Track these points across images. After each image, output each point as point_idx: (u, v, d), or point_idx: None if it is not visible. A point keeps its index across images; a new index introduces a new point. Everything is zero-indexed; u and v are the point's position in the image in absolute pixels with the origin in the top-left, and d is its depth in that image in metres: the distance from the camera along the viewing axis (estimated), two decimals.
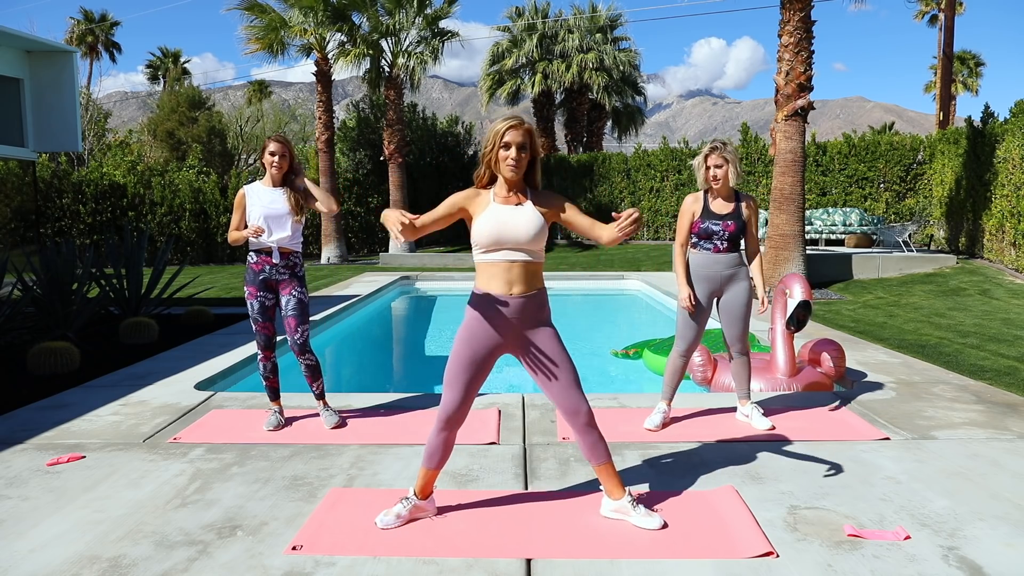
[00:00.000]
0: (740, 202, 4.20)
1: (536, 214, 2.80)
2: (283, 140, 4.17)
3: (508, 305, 2.80)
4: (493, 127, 2.78)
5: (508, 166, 2.75)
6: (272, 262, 4.15)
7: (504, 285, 2.79)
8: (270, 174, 4.17)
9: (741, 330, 4.28)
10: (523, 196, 2.84)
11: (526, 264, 2.81)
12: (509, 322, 2.82)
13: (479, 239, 2.78)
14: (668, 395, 4.32)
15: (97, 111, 26.15)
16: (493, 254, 2.79)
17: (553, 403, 2.89)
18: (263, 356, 4.30)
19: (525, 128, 2.77)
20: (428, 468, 2.94)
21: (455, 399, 2.85)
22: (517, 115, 2.82)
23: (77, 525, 2.94)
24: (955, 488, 3.27)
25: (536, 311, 2.86)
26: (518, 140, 2.75)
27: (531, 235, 2.77)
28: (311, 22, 17.45)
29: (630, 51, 25.30)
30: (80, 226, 17.75)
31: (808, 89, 10.50)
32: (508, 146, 2.75)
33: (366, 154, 21.32)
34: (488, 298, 2.82)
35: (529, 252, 2.80)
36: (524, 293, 2.81)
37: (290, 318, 4.19)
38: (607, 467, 2.92)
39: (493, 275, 2.81)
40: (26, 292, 6.99)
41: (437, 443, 2.91)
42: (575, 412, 2.86)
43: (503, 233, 2.75)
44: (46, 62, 10.29)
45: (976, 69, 40.26)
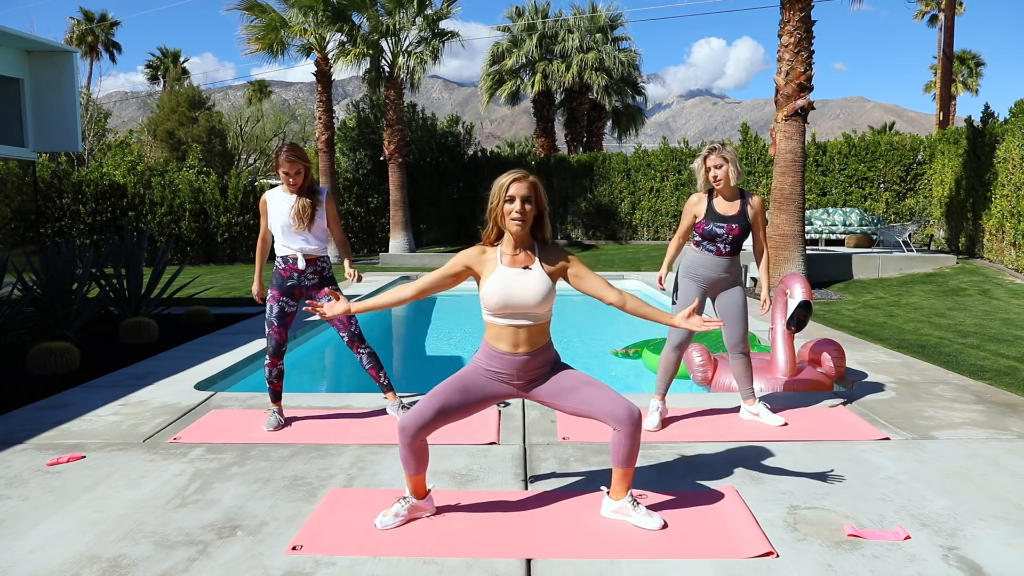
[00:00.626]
0: (745, 203, 4.17)
1: (543, 278, 2.78)
2: (296, 157, 4.05)
3: (514, 362, 2.84)
4: (497, 182, 2.76)
5: (513, 220, 2.73)
6: (298, 269, 4.16)
7: (510, 345, 2.83)
8: (287, 188, 4.15)
9: (741, 331, 4.27)
10: (531, 254, 2.82)
11: (532, 327, 2.83)
12: (515, 376, 2.87)
13: (487, 303, 2.80)
14: (661, 391, 4.32)
15: (97, 111, 26.15)
16: (500, 318, 2.81)
17: (601, 419, 2.81)
18: (270, 362, 4.26)
19: (530, 181, 2.75)
20: (411, 474, 2.91)
21: (431, 415, 2.79)
22: (521, 169, 2.82)
23: (77, 525, 2.94)
24: (955, 488, 3.27)
25: (542, 364, 2.89)
26: (522, 193, 2.73)
27: (538, 300, 2.77)
28: (311, 22, 17.45)
29: (630, 51, 25.30)
30: (80, 226, 17.75)
31: (808, 89, 10.50)
32: (512, 199, 2.73)
33: (366, 154, 21.32)
34: (494, 354, 2.86)
35: (536, 316, 2.81)
36: (530, 352, 2.85)
37: (341, 317, 4.16)
38: (629, 472, 2.90)
39: (500, 335, 2.83)
40: (26, 292, 6.99)
41: (408, 453, 2.84)
42: (629, 415, 2.78)
43: (510, 299, 2.76)
44: (46, 62, 10.28)
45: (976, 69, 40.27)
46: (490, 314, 2.83)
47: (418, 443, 2.83)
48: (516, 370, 2.86)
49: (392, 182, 18.64)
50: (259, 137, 29.48)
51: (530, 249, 2.83)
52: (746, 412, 4.35)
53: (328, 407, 4.65)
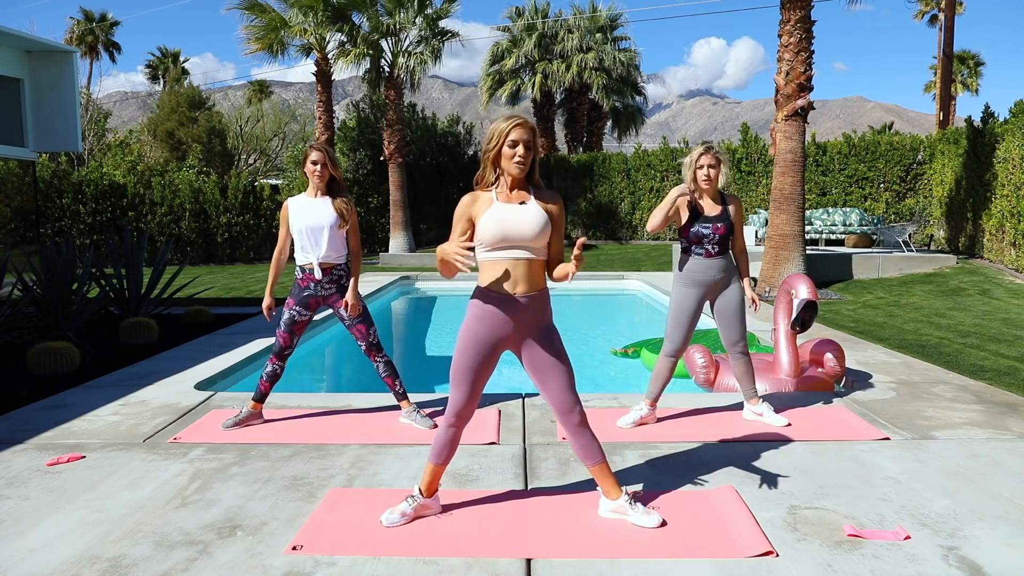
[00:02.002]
0: (727, 204, 4.20)
1: (540, 211, 2.81)
2: (323, 148, 4.11)
3: (511, 304, 2.81)
4: (495, 126, 2.79)
5: (516, 163, 2.76)
6: (315, 279, 4.15)
7: (508, 284, 2.81)
8: (313, 183, 4.14)
9: (739, 332, 4.27)
10: (526, 194, 2.85)
11: (530, 262, 2.82)
12: (511, 321, 2.83)
13: (484, 237, 2.78)
14: (652, 395, 4.30)
15: (97, 111, 26.14)
16: (498, 252, 2.80)
17: (548, 402, 2.92)
18: (271, 359, 4.31)
19: (529, 126, 2.79)
20: (435, 464, 2.96)
21: (463, 396, 2.88)
22: (518, 114, 2.84)
23: (77, 525, 2.94)
24: (955, 488, 3.27)
25: (538, 312, 2.87)
26: (524, 137, 2.76)
27: (536, 232, 2.78)
28: (311, 22, 17.45)
29: (630, 51, 25.29)
30: (80, 226, 17.74)
31: (808, 89, 10.50)
32: (515, 144, 2.76)
33: (366, 154, 21.32)
34: (491, 296, 2.82)
35: (533, 250, 2.81)
36: (527, 293, 2.82)
37: (358, 326, 4.22)
38: (601, 467, 2.93)
39: (496, 273, 2.81)
40: (26, 292, 6.99)
41: (446, 439, 2.94)
42: (569, 412, 2.88)
43: (508, 231, 2.76)
44: (46, 62, 10.28)
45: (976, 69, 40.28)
46: (487, 248, 2.80)
47: (460, 431, 2.94)
48: (513, 314, 2.82)
49: (392, 182, 18.64)
50: (259, 137, 29.49)
51: (524, 190, 2.86)
52: (749, 412, 4.35)
53: (328, 407, 4.65)
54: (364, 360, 4.40)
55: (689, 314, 4.20)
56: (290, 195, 19.68)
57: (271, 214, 19.42)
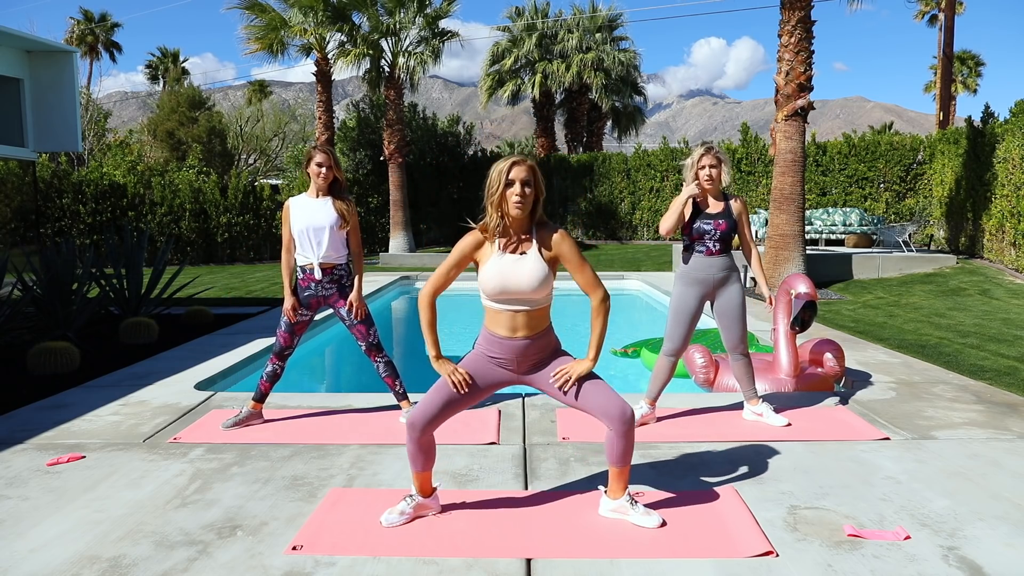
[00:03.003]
0: (729, 201, 4.20)
1: (540, 264, 2.78)
2: (328, 151, 4.14)
3: (513, 347, 2.85)
4: (496, 167, 2.77)
5: (514, 203, 2.73)
6: (315, 279, 4.16)
7: (509, 330, 2.84)
8: (315, 184, 4.14)
9: (740, 332, 4.27)
10: (527, 238, 2.82)
11: (530, 312, 2.83)
12: (514, 361, 2.88)
13: (484, 289, 2.81)
14: (652, 395, 4.31)
15: (97, 111, 26.14)
16: (498, 303, 2.82)
17: (596, 416, 2.84)
18: (271, 359, 4.32)
19: (529, 165, 2.76)
20: (417, 471, 2.94)
21: (435, 410, 2.84)
22: (520, 154, 2.84)
23: (77, 525, 2.94)
24: (955, 488, 3.27)
25: (541, 349, 2.90)
26: (523, 176, 2.73)
27: (534, 286, 2.77)
28: (311, 22, 17.45)
29: (630, 51, 25.28)
30: (80, 226, 17.74)
31: (808, 89, 10.50)
32: (512, 183, 2.73)
33: (366, 154, 21.32)
34: (493, 339, 2.87)
35: (533, 302, 2.81)
36: (528, 336, 2.85)
37: (358, 326, 4.23)
38: (627, 471, 2.91)
39: (498, 320, 2.84)
40: (26, 292, 6.99)
41: (416, 448, 2.88)
42: (622, 414, 2.79)
43: (507, 285, 2.76)
44: (46, 62, 10.28)
45: (976, 69, 40.25)
46: (488, 299, 2.83)
47: (426, 439, 2.87)
48: (515, 355, 2.86)
49: (392, 182, 18.64)
50: (259, 137, 29.48)
51: (527, 233, 2.83)
52: (749, 412, 4.35)
53: (328, 407, 4.65)
54: (364, 360, 4.41)
55: (689, 313, 4.20)
56: (290, 195, 19.69)
57: (271, 214, 19.42)
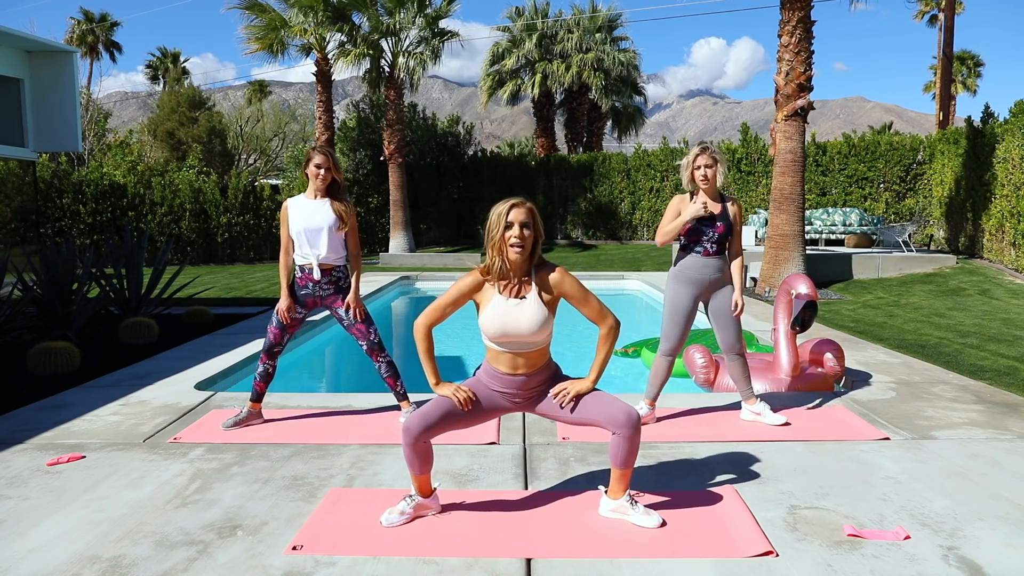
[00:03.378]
0: (726, 204, 4.20)
1: (539, 308, 2.80)
2: (327, 152, 4.14)
3: (513, 382, 2.89)
4: (495, 209, 2.77)
5: (513, 247, 2.74)
6: (314, 279, 4.16)
7: (509, 368, 2.88)
8: (314, 185, 4.14)
9: (736, 333, 4.27)
10: (528, 282, 2.83)
11: (531, 352, 2.86)
12: (515, 394, 2.92)
13: (485, 331, 2.84)
14: (651, 395, 4.31)
15: (97, 111, 26.13)
16: (498, 345, 2.85)
17: (604, 426, 2.85)
18: (262, 358, 4.31)
19: (528, 207, 2.77)
20: (415, 474, 2.94)
21: (433, 419, 2.85)
22: (518, 196, 2.84)
23: (77, 525, 2.94)
24: (955, 488, 3.27)
25: (542, 382, 2.93)
26: (521, 218, 2.74)
27: (535, 329, 2.79)
28: (311, 22, 17.45)
29: (630, 51, 25.29)
30: (80, 226, 17.74)
31: (808, 89, 10.50)
32: (511, 225, 2.73)
33: (366, 154, 21.32)
34: (495, 373, 2.91)
35: (534, 344, 2.84)
36: (528, 373, 2.88)
37: (358, 326, 4.22)
38: (627, 473, 2.91)
39: (499, 359, 2.88)
40: (26, 292, 6.99)
41: (412, 454, 2.88)
42: (628, 419, 2.81)
43: (507, 330, 2.79)
44: (46, 62, 10.28)
45: (975, 69, 40.25)
46: (488, 339, 2.87)
47: (421, 444, 2.86)
48: (516, 389, 2.91)
49: (392, 182, 18.64)
50: (259, 137, 29.48)
51: (526, 275, 2.84)
52: (747, 412, 4.34)
53: (328, 407, 4.65)
54: (364, 360, 4.41)
55: (685, 313, 4.20)
56: (290, 195, 19.70)
57: (271, 214, 19.42)
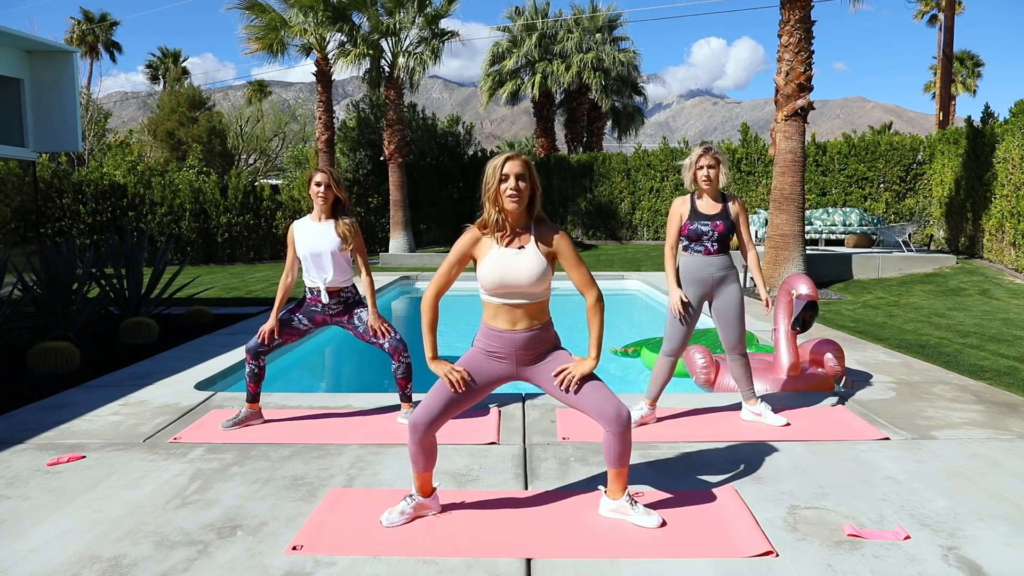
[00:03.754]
0: (727, 202, 4.20)
1: (538, 257, 2.80)
2: (327, 170, 4.14)
3: (512, 340, 2.85)
4: (490, 164, 2.79)
5: (509, 197, 2.76)
6: (322, 302, 4.17)
7: (508, 323, 2.85)
8: (317, 206, 4.14)
9: (739, 333, 4.26)
10: (526, 234, 2.84)
11: (529, 305, 2.84)
12: (513, 355, 2.88)
13: (483, 282, 2.82)
14: (652, 395, 4.31)
15: (97, 111, 26.13)
16: (497, 297, 2.83)
17: (591, 415, 2.85)
18: (247, 358, 4.22)
19: (522, 159, 2.79)
20: (418, 472, 2.94)
21: (436, 411, 2.84)
22: (515, 151, 2.85)
23: (77, 525, 2.94)
24: (955, 488, 3.27)
25: (540, 343, 2.90)
26: (516, 170, 2.76)
27: (534, 279, 2.78)
28: (311, 22, 17.45)
29: (629, 51, 25.30)
30: (80, 226, 17.74)
31: (808, 89, 10.50)
32: (507, 177, 2.76)
33: (366, 154, 21.32)
34: (492, 333, 2.88)
35: (532, 295, 2.82)
36: (528, 329, 2.86)
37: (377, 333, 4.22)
38: (625, 472, 2.92)
39: (497, 314, 2.86)
40: (26, 292, 6.99)
41: (417, 450, 2.89)
42: (617, 415, 2.80)
43: (506, 279, 2.78)
44: (46, 62, 10.28)
45: (975, 69, 40.25)
46: (487, 293, 2.85)
47: (428, 440, 2.87)
48: (514, 348, 2.87)
49: (392, 182, 18.64)
50: (259, 137, 29.48)
51: (525, 229, 2.85)
52: (748, 412, 4.34)
53: (328, 407, 4.65)
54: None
55: (689, 314, 4.20)
56: (289, 195, 19.71)
57: (271, 214, 19.43)
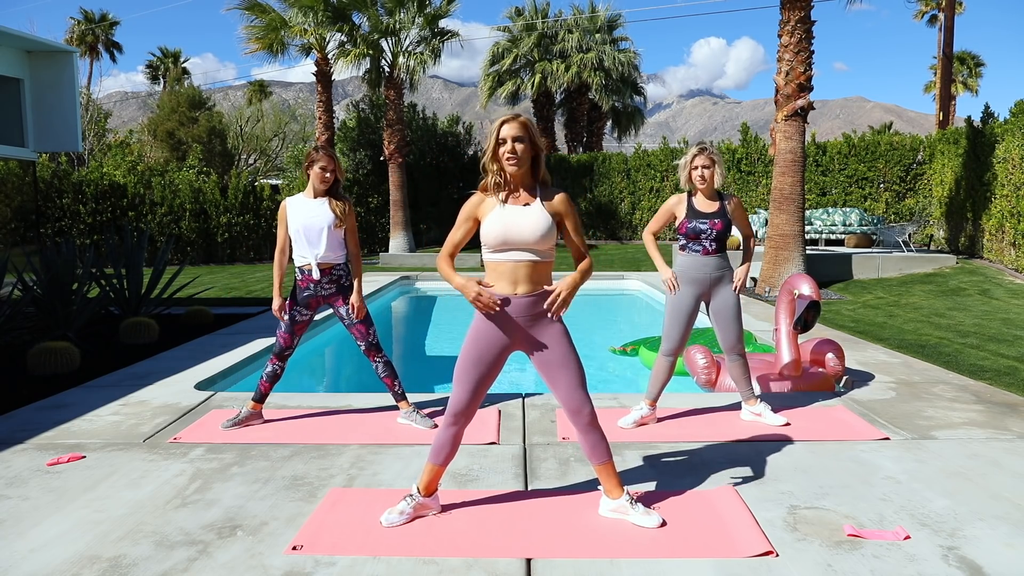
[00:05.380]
0: (724, 201, 4.20)
1: (544, 214, 2.80)
2: (331, 154, 4.14)
3: (513, 304, 2.82)
4: (491, 127, 2.80)
5: (507, 160, 2.77)
6: (313, 280, 4.15)
7: (509, 285, 2.82)
8: (315, 187, 4.14)
9: (736, 333, 4.26)
10: (531, 195, 2.84)
11: (533, 264, 2.81)
12: (515, 321, 2.84)
13: (487, 238, 2.81)
14: (652, 395, 4.31)
15: (97, 111, 26.14)
16: (500, 254, 2.81)
17: (558, 401, 2.91)
18: (271, 359, 4.32)
19: (520, 121, 2.79)
20: (434, 464, 2.96)
21: (463, 396, 2.88)
22: (514, 112, 2.85)
23: (77, 525, 2.94)
24: (955, 488, 3.27)
25: (543, 311, 2.87)
26: (513, 133, 2.76)
27: (538, 235, 2.77)
28: (311, 22, 17.45)
29: (629, 51, 25.29)
30: (80, 226, 17.74)
31: (808, 89, 10.50)
32: (504, 141, 2.77)
33: (366, 154, 21.32)
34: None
35: (537, 252, 2.80)
36: (529, 293, 2.82)
37: (357, 326, 4.22)
38: (607, 466, 2.93)
39: (500, 274, 2.83)
40: (26, 292, 6.99)
41: (446, 438, 2.93)
42: (578, 411, 2.87)
43: (510, 233, 2.76)
44: (46, 62, 10.28)
45: (976, 69, 40.25)
46: (490, 250, 2.82)
47: (461, 431, 2.92)
48: (516, 314, 2.83)
49: (392, 182, 18.64)
50: (259, 137, 29.49)
51: (530, 190, 2.86)
52: (747, 412, 4.34)
53: (328, 407, 4.65)
54: (364, 360, 4.41)
55: (686, 313, 4.20)
56: (290, 195, 19.67)
57: (271, 214, 19.43)
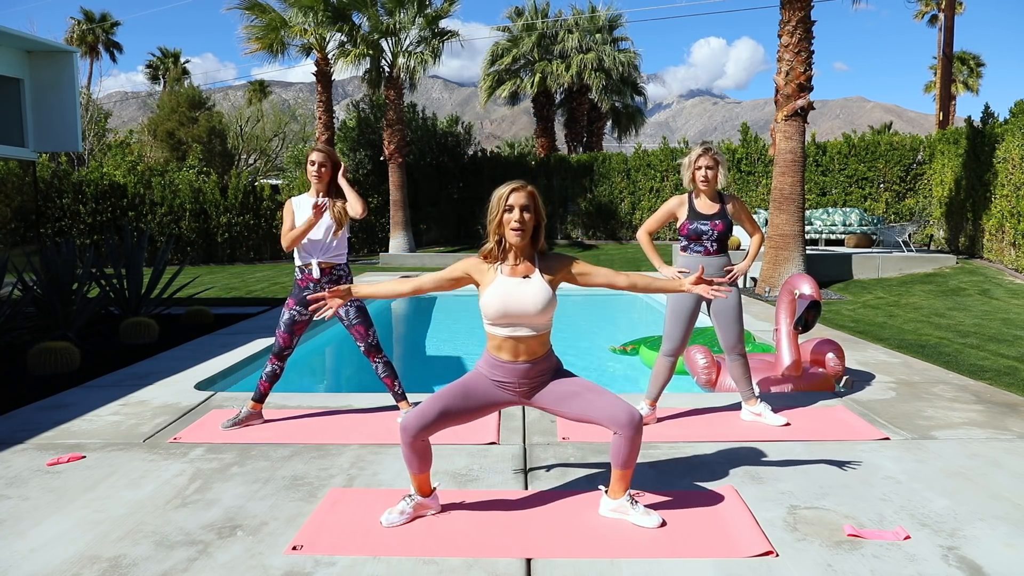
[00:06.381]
0: (725, 202, 4.20)
1: (544, 287, 2.79)
2: (324, 150, 4.15)
3: (515, 371, 2.85)
4: (496, 193, 2.78)
5: (513, 230, 2.74)
6: (313, 279, 4.16)
7: (511, 355, 2.85)
8: (315, 186, 4.16)
9: (737, 333, 4.26)
10: (531, 264, 2.84)
11: (532, 337, 2.83)
12: (516, 383, 2.89)
13: (486, 313, 2.80)
14: (652, 395, 4.31)
15: (97, 111, 26.13)
16: (500, 328, 2.81)
17: (604, 424, 2.82)
18: (270, 359, 4.32)
19: (528, 190, 2.77)
20: (414, 473, 2.93)
21: (430, 417, 2.81)
22: (520, 180, 2.84)
23: (77, 525, 2.94)
24: (955, 488, 3.27)
25: (543, 372, 2.90)
26: (521, 202, 2.75)
27: (538, 309, 2.77)
28: (311, 22, 17.46)
29: (629, 51, 25.31)
30: (80, 226, 17.74)
31: (808, 89, 10.50)
32: (511, 208, 2.74)
33: (366, 154, 21.33)
34: (496, 362, 2.88)
35: (536, 326, 2.81)
36: (531, 360, 2.86)
37: (357, 326, 4.22)
38: (628, 473, 2.91)
39: (501, 345, 2.85)
40: (26, 292, 7.00)
41: (409, 453, 2.86)
42: (631, 417, 2.78)
43: (510, 308, 2.76)
44: (46, 62, 10.28)
45: (976, 69, 40.25)
46: (490, 324, 2.84)
47: (419, 443, 2.84)
48: (517, 378, 2.88)
49: (392, 182, 18.65)
50: (259, 137, 29.49)
51: (529, 260, 2.85)
52: (747, 413, 4.34)
53: (328, 407, 4.65)
54: (364, 360, 4.41)
55: (687, 313, 4.20)
56: (290, 195, 19.71)
57: (271, 214, 19.43)
